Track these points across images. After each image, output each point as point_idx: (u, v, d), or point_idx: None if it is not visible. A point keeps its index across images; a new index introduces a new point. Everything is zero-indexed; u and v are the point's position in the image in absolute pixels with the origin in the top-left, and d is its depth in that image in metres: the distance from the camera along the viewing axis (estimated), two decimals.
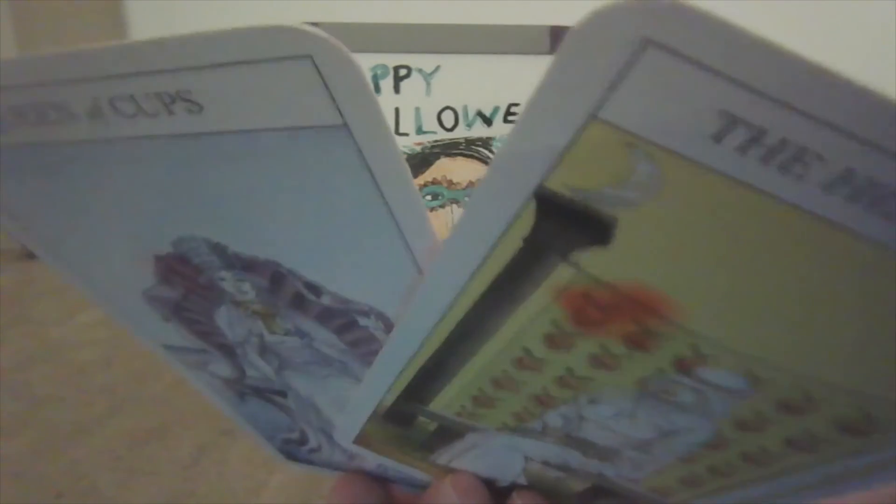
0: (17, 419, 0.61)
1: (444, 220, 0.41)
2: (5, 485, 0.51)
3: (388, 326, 0.15)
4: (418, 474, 0.21)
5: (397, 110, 0.37)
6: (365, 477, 0.22)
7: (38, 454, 0.55)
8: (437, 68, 0.36)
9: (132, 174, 0.14)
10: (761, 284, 0.12)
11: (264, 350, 0.19)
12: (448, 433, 0.19)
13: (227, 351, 0.19)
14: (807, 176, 0.10)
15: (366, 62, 0.36)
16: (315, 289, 0.15)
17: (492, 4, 0.91)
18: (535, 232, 0.12)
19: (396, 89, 0.37)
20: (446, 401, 0.17)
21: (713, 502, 0.18)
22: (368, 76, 0.11)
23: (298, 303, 0.16)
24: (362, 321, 0.16)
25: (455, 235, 0.12)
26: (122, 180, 0.14)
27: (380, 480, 0.23)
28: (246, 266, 0.15)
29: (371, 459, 0.21)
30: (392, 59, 0.37)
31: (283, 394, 0.20)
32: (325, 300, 0.16)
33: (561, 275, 0.12)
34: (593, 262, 0.12)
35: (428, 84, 0.35)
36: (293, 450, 0.23)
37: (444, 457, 0.20)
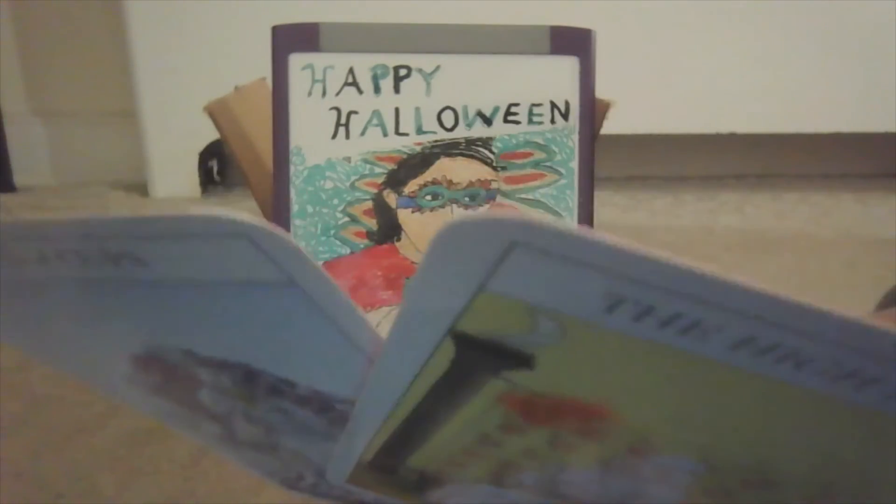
0: (17, 419, 0.61)
1: (444, 220, 0.41)
2: (5, 485, 0.51)
3: None
4: None
5: (397, 110, 0.37)
6: None
7: (38, 454, 0.55)
8: (437, 68, 0.36)
9: (87, 303, 0.15)
10: (679, 404, 0.13)
11: (250, 420, 0.19)
12: (431, 481, 0.19)
13: (216, 419, 0.20)
14: (709, 338, 0.10)
15: (366, 62, 0.36)
16: (288, 383, 0.16)
17: (492, 4, 0.91)
18: (458, 358, 0.12)
19: (396, 89, 0.37)
20: (423, 461, 0.18)
21: None
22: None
23: (275, 391, 0.17)
24: (339, 406, 0.17)
25: (388, 355, 0.13)
26: (78, 308, 0.15)
27: None
28: (218, 366, 0.16)
29: (368, 494, 0.22)
30: (392, 59, 0.37)
31: (275, 448, 0.21)
32: (300, 391, 0.17)
33: (496, 386, 0.13)
34: (526, 379, 0.13)
35: (428, 84, 0.35)
36: (293, 484, 0.24)
37: (434, 497, 0.20)
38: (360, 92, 0.37)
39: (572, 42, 0.37)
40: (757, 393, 0.12)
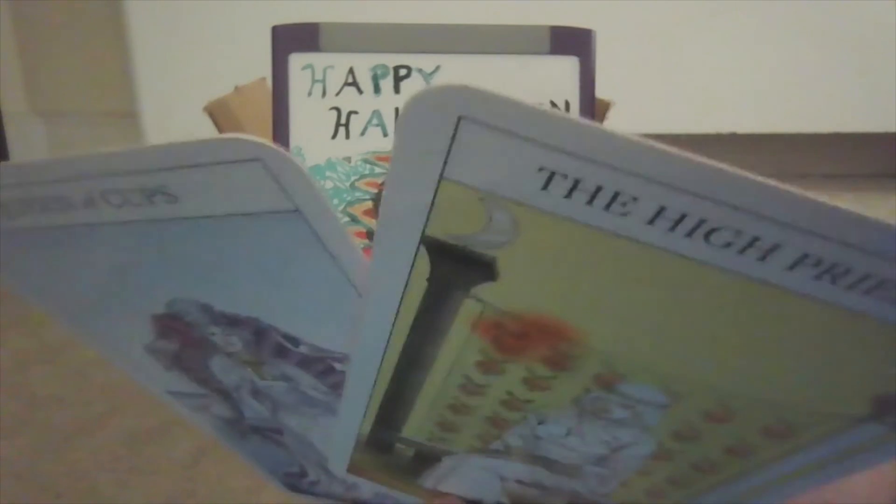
0: (16, 419, 0.61)
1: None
2: (5, 485, 0.51)
3: None
4: (412, 500, 0.22)
5: (397, 110, 0.37)
6: None
7: (38, 454, 0.55)
8: (437, 68, 0.36)
9: (123, 251, 0.16)
10: (639, 311, 0.13)
11: (257, 393, 0.20)
12: (426, 458, 0.20)
13: (225, 395, 0.21)
14: (629, 212, 0.11)
15: (366, 62, 0.36)
16: (293, 340, 0.18)
17: (492, 4, 0.91)
18: (433, 273, 0.14)
19: (396, 89, 0.37)
20: (416, 427, 0.19)
21: None
22: (308, 171, 0.13)
23: (280, 352, 0.18)
24: (338, 367, 0.18)
25: (372, 280, 0.14)
26: (115, 256, 0.17)
27: None
28: (231, 322, 0.18)
29: (367, 490, 0.23)
30: (392, 59, 0.37)
31: (280, 432, 0.22)
32: (303, 349, 0.18)
33: (470, 308, 0.14)
34: (493, 295, 0.14)
35: (428, 84, 0.35)
36: (295, 482, 0.25)
37: (429, 481, 0.21)
38: (360, 92, 0.37)
39: (572, 42, 0.37)
40: (709, 291, 0.12)
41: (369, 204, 0.39)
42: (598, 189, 0.11)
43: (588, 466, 0.18)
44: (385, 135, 0.38)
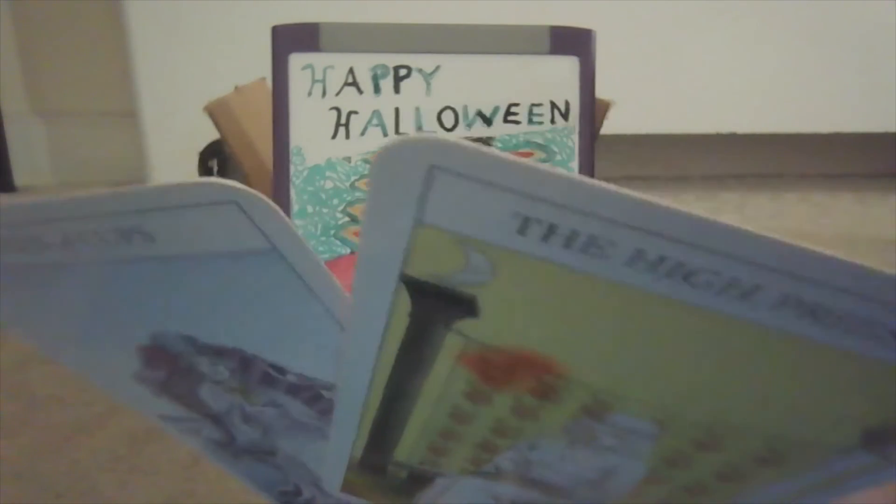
0: (16, 419, 0.61)
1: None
2: (5, 485, 0.51)
3: None
4: None
5: (397, 110, 0.37)
6: None
7: (38, 454, 0.55)
8: (437, 68, 0.36)
9: (103, 288, 0.17)
10: (622, 347, 0.13)
11: (247, 419, 0.21)
12: (419, 479, 0.20)
13: (216, 420, 0.21)
14: (607, 255, 0.11)
15: (366, 62, 0.36)
16: (279, 369, 0.18)
17: (492, 4, 0.91)
18: (414, 309, 0.14)
19: (396, 89, 0.37)
20: (407, 452, 0.19)
21: None
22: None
23: (267, 380, 0.18)
24: (326, 394, 0.18)
25: (354, 317, 0.14)
26: (94, 293, 0.17)
27: None
28: (216, 353, 0.18)
29: None
30: (392, 59, 0.37)
31: (273, 453, 0.22)
32: (291, 378, 0.18)
33: (453, 342, 0.14)
34: (475, 330, 0.14)
35: (428, 84, 0.35)
36: (290, 500, 0.25)
37: (423, 500, 0.21)
38: (360, 92, 0.37)
39: (572, 42, 0.37)
40: (693, 329, 0.12)
41: None
42: (574, 233, 0.11)
43: (581, 489, 0.18)
44: (385, 135, 0.38)
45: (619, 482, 0.18)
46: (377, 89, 0.36)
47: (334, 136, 0.37)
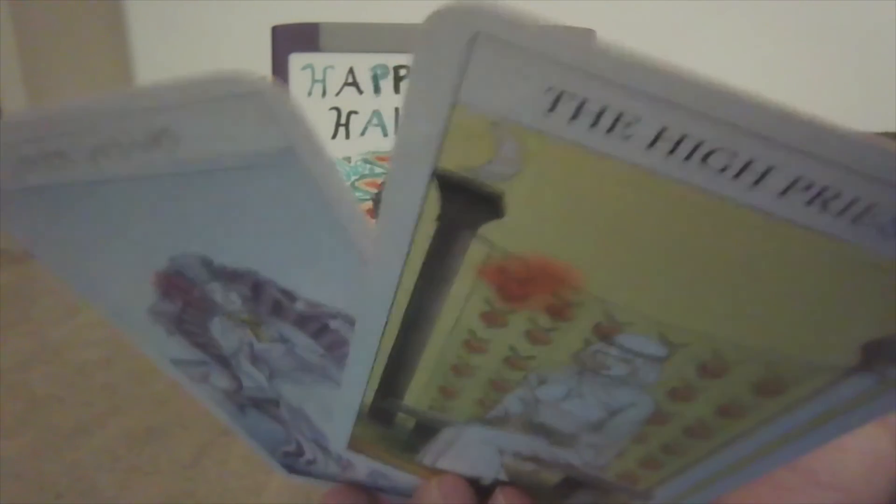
0: (17, 419, 0.61)
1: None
2: (5, 485, 0.51)
3: (354, 325, 0.18)
4: (408, 480, 0.22)
5: (397, 110, 0.37)
6: (353, 488, 0.23)
7: (38, 454, 0.55)
8: None
9: (126, 206, 0.17)
10: (644, 250, 0.14)
11: (255, 359, 0.21)
12: (426, 429, 0.20)
13: (224, 362, 0.21)
14: (630, 135, 0.12)
15: (366, 62, 0.36)
16: (289, 295, 0.18)
17: None
18: (443, 211, 0.14)
19: (396, 89, 0.37)
20: (417, 394, 0.19)
21: (678, 492, 0.19)
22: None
23: (277, 309, 0.18)
24: (333, 324, 0.18)
25: (382, 224, 0.14)
26: (118, 212, 0.17)
27: (368, 492, 0.24)
28: (230, 277, 0.18)
29: (363, 468, 0.23)
30: (392, 59, 0.37)
31: (277, 404, 0.22)
32: (299, 306, 0.18)
33: (477, 251, 0.14)
34: (500, 235, 0.14)
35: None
36: (292, 462, 0.25)
37: (428, 457, 0.21)
38: (360, 92, 0.37)
39: None
40: (706, 222, 0.13)
41: (369, 204, 0.39)
42: (602, 111, 0.11)
43: (585, 435, 0.18)
44: (385, 135, 0.38)
45: (623, 422, 0.18)
46: (377, 89, 0.36)
47: (334, 136, 0.37)
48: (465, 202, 0.14)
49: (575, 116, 0.12)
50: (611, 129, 0.12)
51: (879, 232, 0.12)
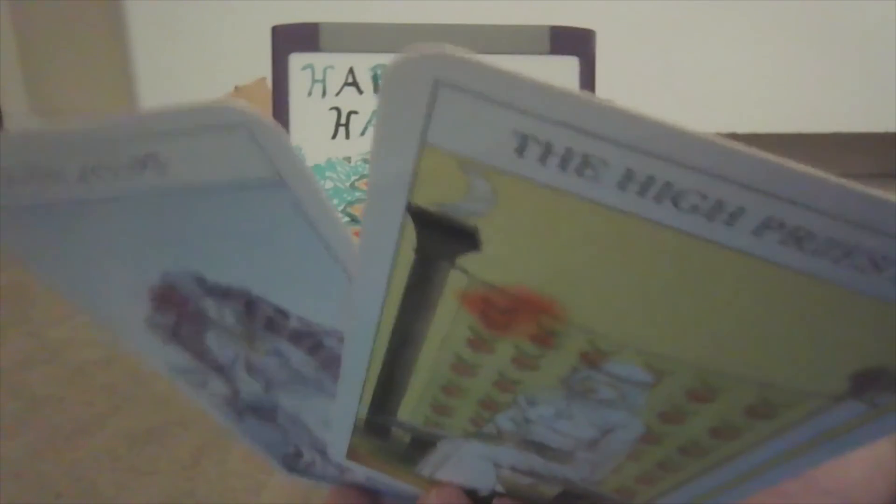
0: (17, 419, 0.61)
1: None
2: (5, 485, 0.51)
3: None
4: (406, 487, 0.22)
5: None
6: (356, 490, 0.23)
7: (38, 454, 0.55)
8: None
9: (117, 224, 0.17)
10: (623, 285, 0.13)
11: (251, 369, 0.21)
12: (422, 443, 0.20)
13: (221, 371, 0.21)
14: (600, 177, 0.12)
15: (366, 62, 0.36)
16: (282, 313, 0.18)
17: (492, 4, 0.91)
18: (420, 243, 0.14)
19: None
20: (410, 410, 0.19)
21: (675, 501, 0.19)
22: (295, 147, 0.14)
23: (271, 325, 0.18)
24: (327, 341, 0.18)
25: (362, 251, 0.14)
26: (109, 230, 0.17)
27: (372, 493, 0.24)
28: (223, 294, 0.18)
29: (361, 473, 0.23)
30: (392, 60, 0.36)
31: (274, 411, 0.22)
32: (293, 323, 0.18)
33: (456, 281, 0.14)
34: (478, 267, 0.14)
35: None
36: (292, 463, 0.25)
37: (426, 469, 0.21)
38: (361, 92, 0.37)
39: (572, 42, 0.37)
40: (683, 260, 0.13)
41: None
42: (569, 153, 0.11)
43: (580, 452, 0.18)
44: None
45: (616, 442, 0.18)
46: (377, 89, 0.36)
47: (334, 136, 0.37)
48: (440, 235, 0.13)
49: (543, 160, 0.12)
50: (581, 173, 0.12)
51: (859, 272, 0.12)
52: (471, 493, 0.21)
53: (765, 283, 0.13)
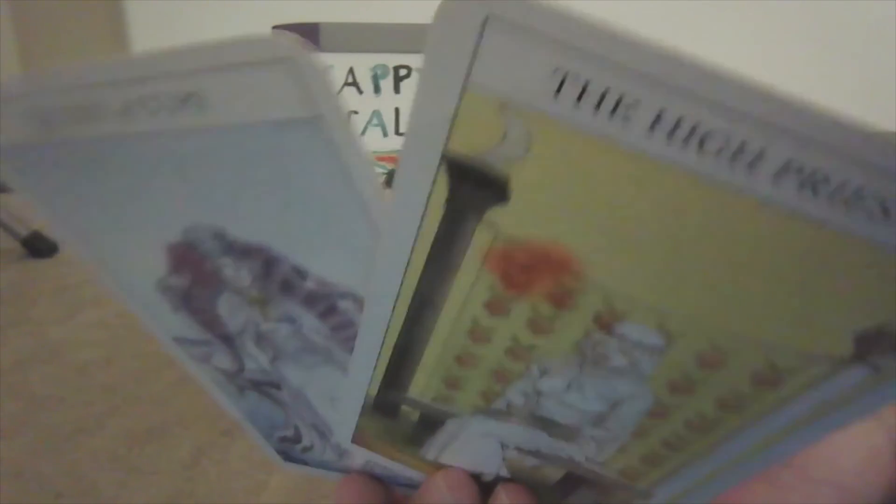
0: (16, 419, 0.61)
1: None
2: (5, 485, 0.51)
3: (363, 307, 0.18)
4: (408, 472, 0.22)
5: (397, 110, 0.37)
6: (368, 476, 0.23)
7: (38, 454, 0.55)
8: None
9: (150, 164, 0.17)
10: (643, 236, 0.14)
11: (259, 339, 0.21)
12: (430, 422, 0.20)
13: (228, 342, 0.21)
14: (631, 119, 0.12)
15: (366, 62, 0.36)
16: (300, 272, 0.18)
17: None
18: (451, 194, 0.14)
19: (396, 89, 0.37)
20: (421, 385, 0.19)
21: (680, 488, 0.20)
22: (334, 76, 0.13)
23: (287, 287, 0.18)
24: (341, 304, 0.18)
25: (392, 205, 0.15)
26: (141, 170, 0.17)
27: (383, 483, 0.24)
28: (242, 251, 0.18)
29: (360, 458, 0.23)
30: (392, 59, 0.37)
31: (278, 386, 0.22)
32: (310, 284, 0.18)
33: (482, 236, 0.15)
34: (505, 220, 0.14)
35: None
36: (289, 449, 0.25)
37: (432, 451, 0.21)
38: (361, 92, 0.37)
39: None
40: (703, 208, 0.13)
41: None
42: (604, 93, 0.12)
43: (587, 428, 0.19)
44: (385, 135, 0.38)
45: (624, 415, 0.18)
46: (377, 89, 0.36)
47: None
48: (472, 186, 0.14)
49: (579, 99, 0.12)
50: (613, 113, 0.12)
51: (869, 217, 0.12)
52: (475, 478, 0.21)
53: (779, 232, 0.13)
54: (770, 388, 0.16)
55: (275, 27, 0.35)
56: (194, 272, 0.19)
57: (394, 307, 0.17)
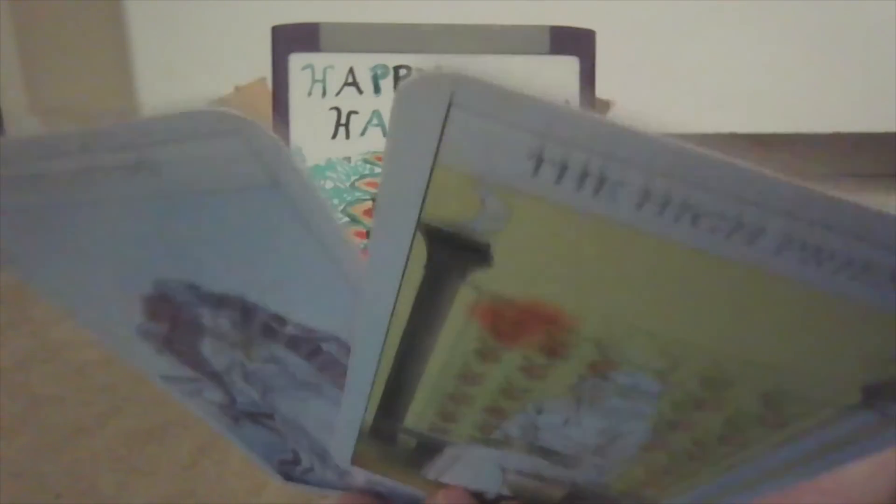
0: (16, 419, 0.61)
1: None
2: (5, 485, 0.51)
3: (348, 350, 0.17)
4: (409, 490, 0.22)
5: None
6: (366, 494, 0.23)
7: (37, 454, 0.55)
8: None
9: (109, 228, 0.17)
10: (638, 299, 0.13)
11: (247, 376, 0.20)
12: (428, 448, 0.20)
13: (217, 379, 0.21)
14: (617, 196, 0.11)
15: (366, 62, 0.36)
16: (279, 320, 0.18)
17: (492, 4, 0.91)
18: (430, 258, 0.14)
19: (396, 89, 0.37)
20: (416, 416, 0.19)
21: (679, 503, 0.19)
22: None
23: (268, 332, 0.18)
24: (325, 346, 0.18)
25: (370, 269, 0.14)
26: (100, 236, 0.17)
27: (379, 497, 0.24)
28: (218, 302, 0.18)
29: (362, 478, 0.23)
30: (392, 59, 0.37)
31: (272, 416, 0.22)
32: (290, 329, 0.18)
33: (466, 294, 0.14)
34: (489, 281, 0.14)
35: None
36: (289, 470, 0.25)
37: (432, 472, 0.21)
38: (361, 92, 0.37)
39: (572, 42, 0.37)
40: (699, 276, 0.13)
41: (369, 204, 0.39)
42: (585, 173, 0.11)
43: (587, 457, 0.18)
44: (385, 135, 0.38)
45: (624, 447, 0.18)
46: (377, 89, 0.36)
47: (334, 136, 0.37)
48: (451, 251, 0.13)
49: (559, 180, 0.12)
50: (597, 192, 0.12)
51: (877, 288, 0.12)
52: (477, 496, 0.21)
53: (781, 298, 0.13)
54: (772, 426, 0.16)
55: (275, 27, 0.35)
56: (172, 320, 0.19)
57: (381, 350, 0.16)
